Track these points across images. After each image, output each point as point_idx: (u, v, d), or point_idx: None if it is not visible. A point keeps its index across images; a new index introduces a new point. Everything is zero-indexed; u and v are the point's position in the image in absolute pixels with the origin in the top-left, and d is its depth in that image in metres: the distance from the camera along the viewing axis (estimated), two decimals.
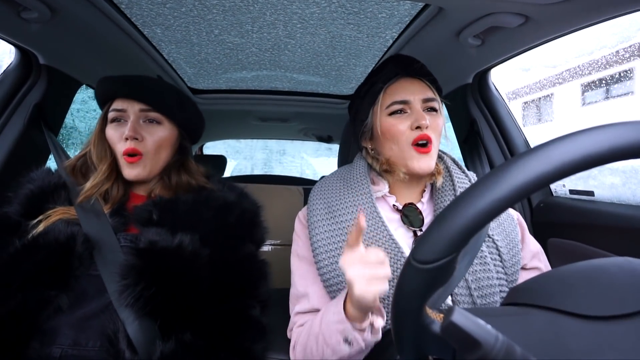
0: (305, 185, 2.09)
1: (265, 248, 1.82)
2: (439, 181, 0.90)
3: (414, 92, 0.87)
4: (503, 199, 0.35)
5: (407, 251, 0.83)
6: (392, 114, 0.87)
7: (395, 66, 0.90)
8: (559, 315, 0.40)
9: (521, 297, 0.45)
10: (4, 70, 1.18)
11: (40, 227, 0.82)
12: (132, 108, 0.91)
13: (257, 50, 1.34)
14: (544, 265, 0.94)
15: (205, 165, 1.08)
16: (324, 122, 2.36)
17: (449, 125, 1.65)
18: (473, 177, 0.96)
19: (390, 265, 0.78)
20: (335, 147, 2.50)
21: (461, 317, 0.35)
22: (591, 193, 1.20)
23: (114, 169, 0.93)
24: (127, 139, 0.89)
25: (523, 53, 1.14)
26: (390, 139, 0.87)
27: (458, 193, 0.88)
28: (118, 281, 0.77)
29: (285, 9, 1.04)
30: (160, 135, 0.93)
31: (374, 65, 1.46)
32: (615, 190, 1.14)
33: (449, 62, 1.27)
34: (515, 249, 0.86)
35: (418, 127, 0.84)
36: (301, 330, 0.83)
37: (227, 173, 2.97)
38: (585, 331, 0.38)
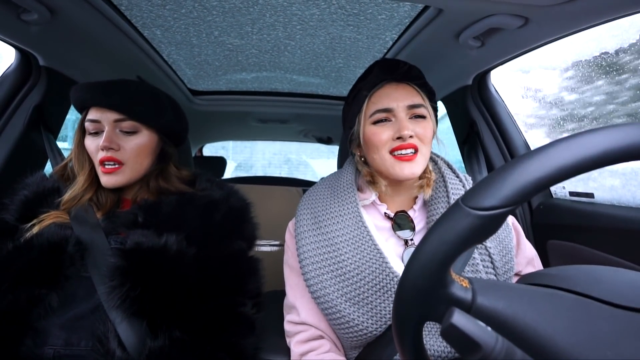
0: (305, 186, 2.08)
1: (264, 249, 1.82)
2: (427, 194, 0.87)
3: (397, 99, 0.83)
4: (589, 157, 0.35)
5: (394, 261, 0.82)
6: (375, 122, 0.84)
7: (380, 71, 0.86)
8: (588, 299, 0.38)
9: (544, 281, 0.43)
10: (4, 72, 1.18)
11: (34, 230, 0.84)
12: (106, 118, 0.89)
13: (256, 51, 1.35)
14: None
15: (204, 167, 1.08)
16: (323, 124, 2.36)
17: (449, 126, 1.65)
18: (468, 180, 0.94)
19: (375, 277, 0.78)
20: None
21: (461, 319, 0.35)
22: (591, 195, 1.20)
23: (95, 179, 0.93)
24: (102, 149, 0.87)
25: (523, 55, 1.14)
26: (372, 147, 0.85)
27: (451, 200, 0.85)
28: (105, 283, 0.78)
29: (285, 11, 1.04)
30: (137, 144, 0.91)
31: None
32: (615, 192, 1.14)
33: (449, 64, 1.28)
34: (509, 255, 0.85)
35: (400, 137, 0.81)
36: None
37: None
38: (616, 317, 0.37)
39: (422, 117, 0.84)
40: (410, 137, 0.81)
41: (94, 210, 0.90)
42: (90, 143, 0.90)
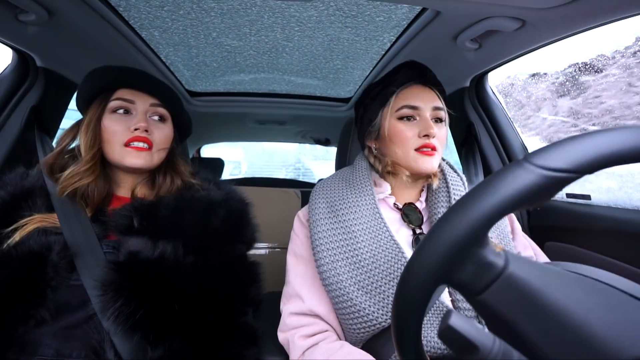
0: (303, 188, 2.08)
1: (262, 251, 1.82)
2: (435, 183, 0.92)
3: (424, 100, 0.89)
4: None
5: (407, 251, 0.84)
6: (401, 118, 0.89)
7: (410, 72, 0.92)
8: (618, 291, 0.36)
9: (568, 269, 0.40)
10: (1, 73, 1.18)
11: (16, 237, 0.76)
12: (143, 101, 0.89)
13: (254, 53, 1.35)
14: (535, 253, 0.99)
15: (202, 168, 1.08)
16: (321, 125, 2.36)
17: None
18: (463, 177, 0.99)
19: (390, 266, 0.81)
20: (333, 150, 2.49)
21: (459, 321, 0.35)
22: (588, 197, 1.20)
23: (99, 162, 0.86)
24: (136, 129, 0.85)
25: (520, 57, 1.14)
26: (396, 143, 0.89)
27: (452, 194, 0.91)
28: (98, 296, 0.73)
29: (283, 12, 1.04)
30: (165, 133, 0.92)
31: (371, 69, 1.46)
32: (612, 194, 1.15)
33: (446, 66, 1.28)
34: (506, 239, 0.90)
35: (425, 135, 0.86)
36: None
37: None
38: None
39: (442, 120, 0.91)
40: (434, 136, 0.87)
41: (85, 211, 0.84)
42: (115, 123, 0.85)
